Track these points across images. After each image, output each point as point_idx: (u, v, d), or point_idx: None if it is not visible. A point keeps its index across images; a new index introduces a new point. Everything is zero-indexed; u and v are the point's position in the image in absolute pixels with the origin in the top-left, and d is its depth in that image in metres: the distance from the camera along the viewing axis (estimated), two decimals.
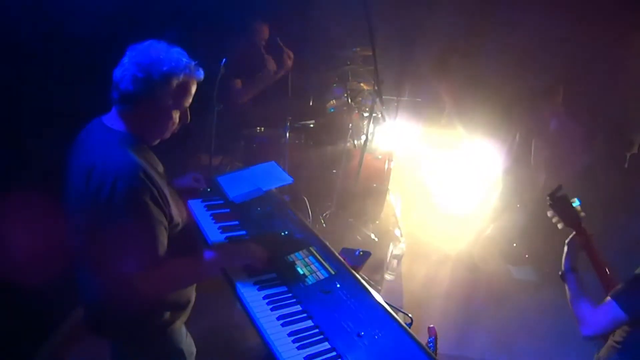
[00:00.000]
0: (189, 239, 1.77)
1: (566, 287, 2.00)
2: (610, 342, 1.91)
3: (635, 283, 1.80)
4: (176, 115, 1.59)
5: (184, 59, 1.53)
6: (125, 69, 1.47)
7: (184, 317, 1.82)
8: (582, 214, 2.07)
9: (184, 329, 1.86)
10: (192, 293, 1.83)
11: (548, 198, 2.13)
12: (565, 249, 2.06)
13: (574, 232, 2.08)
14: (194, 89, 1.60)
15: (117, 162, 1.44)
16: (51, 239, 1.88)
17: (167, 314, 1.68)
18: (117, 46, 1.52)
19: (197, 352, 2.34)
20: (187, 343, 1.88)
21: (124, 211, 1.41)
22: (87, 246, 1.55)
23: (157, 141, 1.64)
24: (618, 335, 1.87)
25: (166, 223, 1.54)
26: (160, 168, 1.68)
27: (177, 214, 1.62)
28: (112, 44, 1.55)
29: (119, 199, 1.40)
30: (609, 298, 1.82)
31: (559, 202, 2.10)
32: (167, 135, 1.64)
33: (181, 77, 1.52)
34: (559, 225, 2.10)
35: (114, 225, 1.42)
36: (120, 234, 1.43)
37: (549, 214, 2.11)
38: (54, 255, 1.98)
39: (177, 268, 1.56)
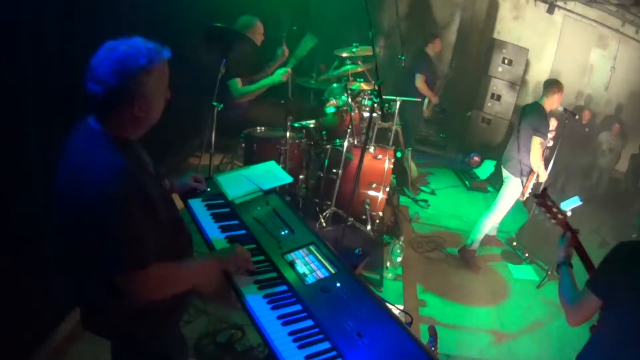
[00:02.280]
0: (183, 237, 1.75)
1: (560, 280, 2.12)
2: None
3: (603, 265, 1.89)
4: (162, 99, 1.57)
5: (150, 45, 1.48)
6: (102, 80, 1.42)
7: (179, 317, 1.81)
8: (569, 213, 2.27)
9: (179, 331, 1.86)
10: (187, 294, 1.81)
11: (535, 197, 2.32)
12: (558, 244, 2.23)
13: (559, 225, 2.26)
14: (167, 68, 1.55)
15: (103, 164, 1.42)
16: (53, 237, 1.87)
17: (161, 314, 1.66)
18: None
19: (197, 352, 2.35)
20: (180, 344, 1.87)
21: (107, 214, 1.39)
22: (74, 247, 1.53)
23: (147, 129, 1.60)
24: (594, 321, 1.97)
25: (153, 226, 1.50)
26: (150, 167, 1.65)
27: (166, 215, 1.59)
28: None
29: (103, 202, 1.38)
30: (584, 286, 1.92)
31: (546, 201, 2.27)
32: (158, 118, 1.59)
33: (157, 62, 1.47)
34: (549, 222, 2.28)
35: (98, 228, 1.40)
36: (104, 237, 1.41)
37: (539, 211, 2.26)
38: (54, 254, 1.97)
39: (165, 273, 1.53)
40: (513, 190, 4.18)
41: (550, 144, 4.41)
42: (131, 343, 1.70)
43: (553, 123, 4.21)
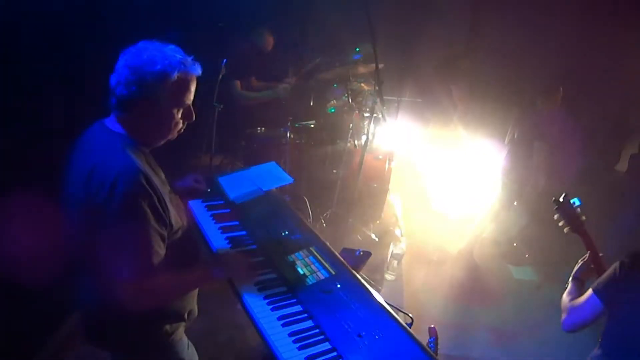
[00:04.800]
0: (189, 244, 1.74)
1: (567, 289, 2.08)
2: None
3: (612, 274, 1.86)
4: (178, 114, 1.54)
5: (178, 56, 1.49)
6: (119, 74, 1.45)
7: (185, 327, 1.80)
8: (584, 217, 2.14)
9: (185, 339, 1.84)
10: (193, 304, 1.81)
11: (554, 203, 2.18)
12: (579, 263, 2.15)
13: (581, 239, 2.15)
14: (193, 85, 1.55)
15: (118, 164, 1.41)
16: (52, 240, 1.88)
17: (168, 325, 1.66)
18: (118, 46, 1.51)
19: (197, 352, 2.33)
20: (189, 353, 1.86)
21: (120, 215, 1.38)
22: (83, 248, 1.52)
23: (163, 142, 1.61)
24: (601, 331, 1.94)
25: (164, 231, 1.49)
26: (162, 173, 1.65)
27: (177, 220, 1.59)
28: (113, 43, 1.54)
29: (116, 202, 1.37)
30: (589, 290, 1.90)
31: (564, 207, 2.17)
32: (173, 135, 1.60)
33: (175, 74, 1.46)
34: (565, 230, 2.17)
35: (109, 229, 1.39)
36: (115, 238, 1.40)
37: (556, 217, 2.16)
38: (54, 255, 1.98)
39: (168, 280, 1.52)
40: (509, 191, 4.18)
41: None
42: (138, 353, 1.68)
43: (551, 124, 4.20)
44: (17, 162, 2.30)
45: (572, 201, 2.21)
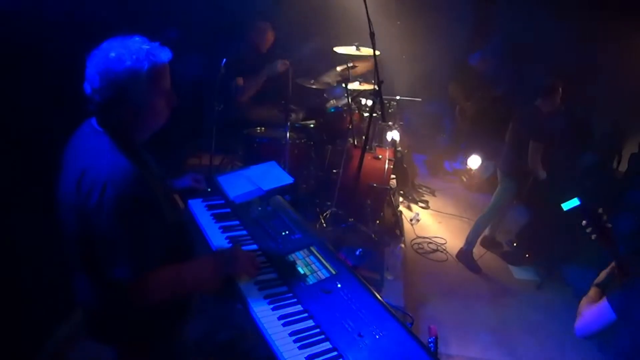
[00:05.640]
0: (185, 240, 1.74)
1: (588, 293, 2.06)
2: None
3: (626, 285, 1.85)
4: (161, 102, 1.52)
5: (144, 47, 1.43)
6: (91, 81, 1.42)
7: (182, 323, 1.79)
8: (609, 225, 2.03)
9: (184, 337, 1.84)
10: (193, 302, 1.81)
11: (578, 210, 2.11)
12: (605, 270, 2.10)
13: (607, 246, 2.05)
14: (166, 71, 1.51)
15: (108, 166, 1.40)
16: (52, 239, 1.88)
17: (167, 322, 1.66)
18: None
19: (196, 352, 2.35)
20: (188, 351, 1.86)
21: (113, 217, 1.37)
22: (79, 251, 1.52)
23: (152, 132, 1.59)
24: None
25: (159, 228, 1.49)
26: (155, 169, 1.64)
27: (172, 216, 1.58)
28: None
29: (108, 205, 1.36)
30: (604, 298, 1.88)
31: (590, 215, 2.06)
32: (161, 123, 1.57)
33: (146, 66, 1.42)
34: (592, 237, 2.07)
35: (103, 231, 1.39)
36: (109, 241, 1.40)
37: (583, 223, 2.09)
38: (54, 255, 1.97)
39: (168, 277, 1.52)
40: (508, 190, 4.19)
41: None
42: (136, 349, 1.68)
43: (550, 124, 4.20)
44: (17, 162, 2.29)
45: (571, 201, 2.18)
